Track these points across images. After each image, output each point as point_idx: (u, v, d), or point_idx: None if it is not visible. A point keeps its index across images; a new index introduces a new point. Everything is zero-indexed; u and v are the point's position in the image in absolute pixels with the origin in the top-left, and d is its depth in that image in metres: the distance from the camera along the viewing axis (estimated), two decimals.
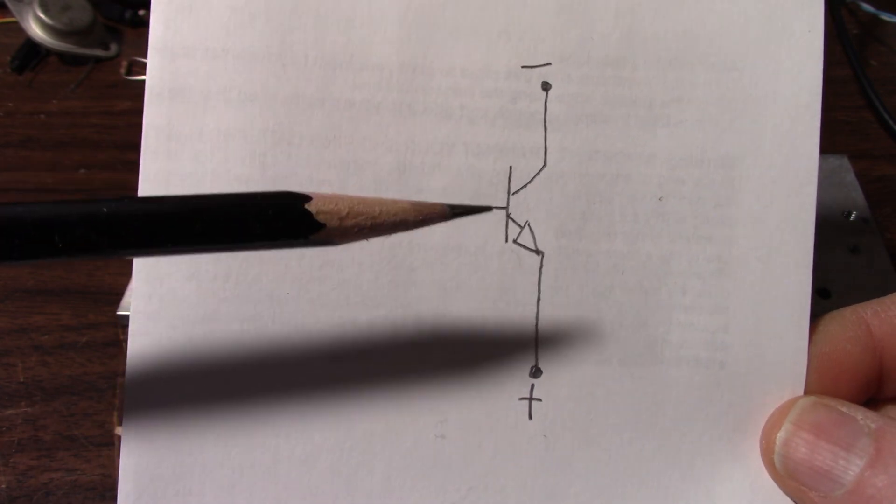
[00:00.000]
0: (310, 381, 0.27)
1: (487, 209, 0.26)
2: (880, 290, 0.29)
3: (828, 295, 0.41)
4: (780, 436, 0.26)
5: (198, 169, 0.27)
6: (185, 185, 0.27)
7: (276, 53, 0.27)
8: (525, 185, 0.28)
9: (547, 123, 0.28)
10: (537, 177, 0.28)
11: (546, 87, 0.28)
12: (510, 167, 0.28)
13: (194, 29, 0.27)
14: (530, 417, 0.28)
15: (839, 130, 0.55)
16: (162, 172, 0.27)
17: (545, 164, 0.28)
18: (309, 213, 0.21)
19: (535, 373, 0.28)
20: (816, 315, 0.28)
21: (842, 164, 0.49)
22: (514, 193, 0.28)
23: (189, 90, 0.27)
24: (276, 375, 0.27)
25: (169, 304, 0.27)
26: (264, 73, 0.27)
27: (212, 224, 0.20)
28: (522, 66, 0.28)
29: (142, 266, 0.27)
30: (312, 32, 0.27)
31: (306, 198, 0.21)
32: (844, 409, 0.25)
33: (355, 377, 0.28)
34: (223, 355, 0.27)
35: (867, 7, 0.62)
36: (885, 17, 0.62)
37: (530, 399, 0.28)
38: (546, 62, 0.28)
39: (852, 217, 0.46)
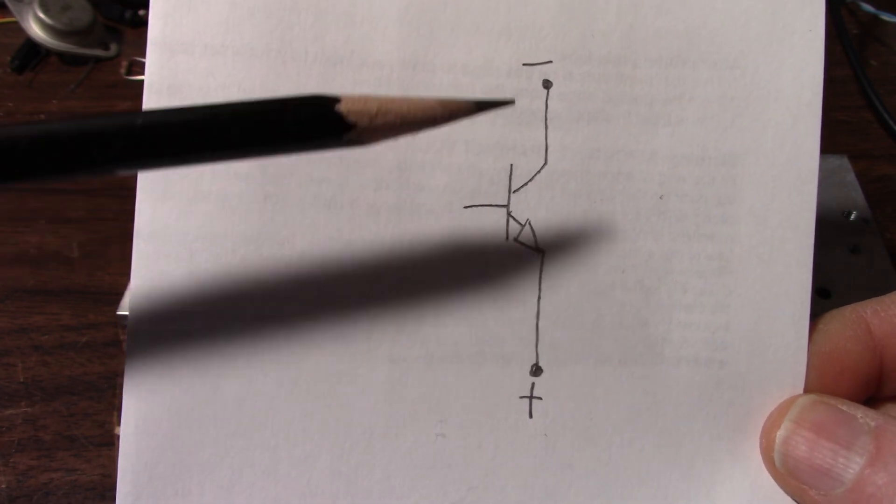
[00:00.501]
0: (309, 380, 0.27)
1: (511, 102, 0.25)
2: (880, 290, 0.29)
3: (828, 295, 0.41)
4: (780, 434, 0.26)
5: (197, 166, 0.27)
6: (184, 181, 0.27)
7: (276, 49, 0.27)
8: (526, 184, 0.28)
9: (548, 121, 0.28)
10: (538, 175, 0.28)
11: (547, 84, 0.28)
12: (511, 165, 0.28)
13: (193, 25, 0.27)
14: (530, 416, 0.28)
15: (839, 130, 0.55)
16: None
17: (546, 163, 0.28)
18: (340, 114, 0.21)
19: (536, 371, 0.28)
20: (816, 315, 0.28)
21: (842, 164, 0.49)
22: (514, 191, 0.28)
23: (188, 86, 0.27)
24: (276, 375, 0.27)
25: (168, 303, 0.27)
26: (264, 70, 0.27)
27: (247, 128, 0.21)
28: (523, 64, 0.28)
29: (141, 265, 0.27)
30: (312, 28, 0.27)
31: (336, 99, 0.21)
32: (844, 408, 0.25)
33: (355, 376, 0.27)
34: (222, 355, 0.27)
35: (867, 7, 0.63)
36: (885, 17, 0.62)
37: (531, 398, 0.28)
38: (547, 60, 0.28)
39: (852, 217, 0.46)
